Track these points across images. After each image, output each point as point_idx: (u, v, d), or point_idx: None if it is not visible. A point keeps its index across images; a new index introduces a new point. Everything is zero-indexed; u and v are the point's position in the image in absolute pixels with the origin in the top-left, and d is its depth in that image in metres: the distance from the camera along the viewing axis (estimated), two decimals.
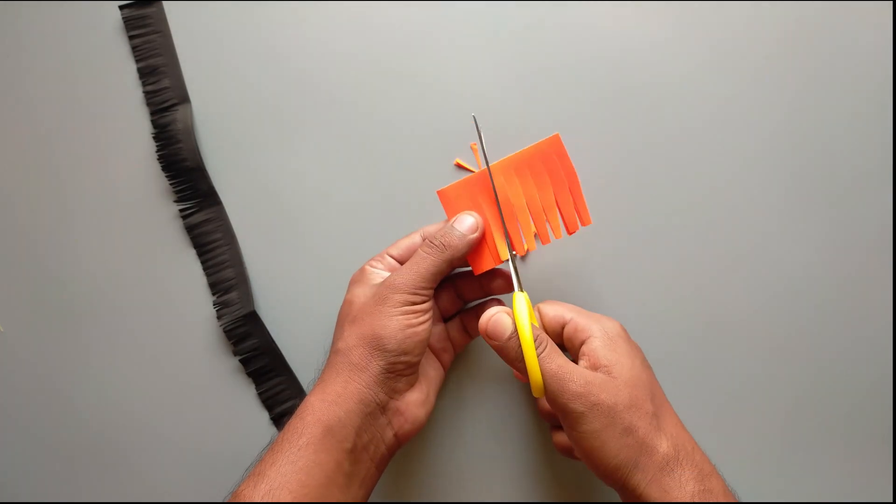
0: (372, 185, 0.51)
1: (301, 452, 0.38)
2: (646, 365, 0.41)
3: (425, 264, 0.41)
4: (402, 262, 0.44)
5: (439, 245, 0.41)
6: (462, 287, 0.47)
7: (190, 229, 0.52)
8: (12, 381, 0.53)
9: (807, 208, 0.49)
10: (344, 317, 0.43)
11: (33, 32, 0.53)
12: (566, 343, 0.42)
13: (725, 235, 0.49)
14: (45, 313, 0.53)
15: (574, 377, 0.38)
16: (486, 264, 0.43)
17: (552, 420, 0.46)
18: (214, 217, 0.51)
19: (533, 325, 0.39)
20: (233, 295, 0.51)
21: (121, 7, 0.52)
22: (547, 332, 0.43)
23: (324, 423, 0.39)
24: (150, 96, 0.52)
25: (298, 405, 0.41)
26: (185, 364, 0.52)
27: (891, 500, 0.49)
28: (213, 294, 0.51)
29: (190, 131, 0.51)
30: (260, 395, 0.51)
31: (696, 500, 0.36)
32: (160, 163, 0.51)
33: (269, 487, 0.37)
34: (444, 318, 0.47)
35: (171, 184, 0.51)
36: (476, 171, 0.50)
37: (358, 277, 0.44)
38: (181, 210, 0.51)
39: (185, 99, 0.52)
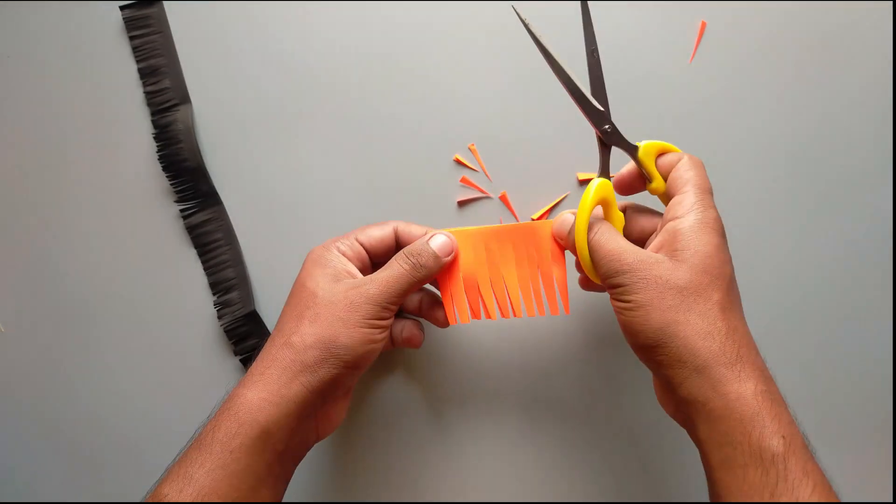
0: (372, 184, 0.51)
1: (234, 455, 0.36)
2: (725, 261, 0.37)
3: (400, 282, 0.41)
4: (369, 252, 0.44)
5: (415, 264, 0.41)
6: None
7: (190, 229, 0.52)
8: (12, 381, 0.53)
9: (805, 208, 0.49)
10: (303, 306, 0.40)
11: (34, 33, 0.53)
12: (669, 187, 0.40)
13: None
14: (45, 313, 0.53)
15: (626, 255, 0.37)
16: (462, 318, 0.43)
17: (590, 288, 0.45)
18: (215, 217, 0.52)
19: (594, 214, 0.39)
20: (233, 295, 0.51)
21: (121, 7, 0.52)
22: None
23: (261, 424, 0.37)
24: (150, 96, 0.52)
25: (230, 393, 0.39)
26: (186, 364, 0.52)
27: (891, 500, 0.49)
28: (214, 294, 0.51)
29: (190, 131, 0.51)
30: None
31: (759, 400, 0.33)
32: (161, 163, 0.51)
33: (196, 493, 0.35)
34: None
35: (171, 184, 0.51)
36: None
37: (321, 259, 0.42)
38: (182, 210, 0.51)
39: (185, 99, 0.52)
